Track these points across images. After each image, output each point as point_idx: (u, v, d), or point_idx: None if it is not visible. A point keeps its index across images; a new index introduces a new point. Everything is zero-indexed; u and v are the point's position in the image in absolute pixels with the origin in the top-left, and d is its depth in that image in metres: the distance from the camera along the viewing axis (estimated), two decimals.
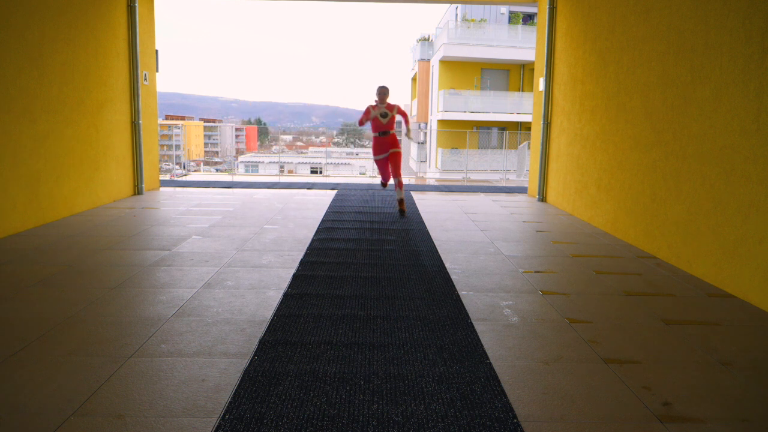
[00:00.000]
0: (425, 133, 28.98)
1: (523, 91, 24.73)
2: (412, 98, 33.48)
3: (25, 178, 5.44)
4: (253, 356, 2.66)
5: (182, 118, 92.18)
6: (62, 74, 6.08)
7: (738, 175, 3.78)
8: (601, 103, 6.15)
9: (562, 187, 7.52)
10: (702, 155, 4.21)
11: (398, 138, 6.94)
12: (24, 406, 2.18)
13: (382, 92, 6.69)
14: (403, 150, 7.46)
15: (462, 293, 3.70)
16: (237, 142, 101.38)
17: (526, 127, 23.95)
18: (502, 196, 8.95)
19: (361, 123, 6.80)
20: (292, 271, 4.17)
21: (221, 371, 2.51)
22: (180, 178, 13.83)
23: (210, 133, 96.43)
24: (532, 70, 15.02)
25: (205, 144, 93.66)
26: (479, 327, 3.10)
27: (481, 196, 8.92)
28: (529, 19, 25.63)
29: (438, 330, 3.04)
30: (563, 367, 2.63)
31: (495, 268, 4.36)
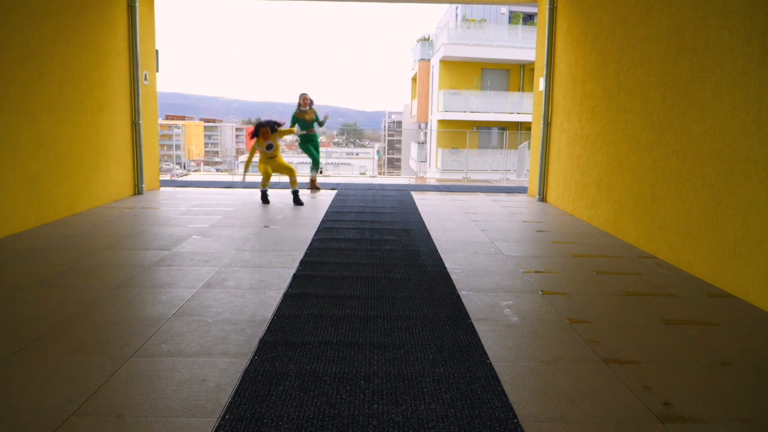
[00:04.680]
0: (425, 133, 28.97)
1: (523, 91, 24.73)
2: (412, 98, 33.49)
3: (25, 178, 5.44)
4: (253, 356, 2.66)
5: (182, 118, 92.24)
6: (62, 74, 6.08)
7: (738, 175, 3.78)
8: (602, 103, 6.15)
9: (562, 187, 7.52)
10: (702, 155, 4.21)
11: None
12: (24, 406, 2.18)
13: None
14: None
15: (462, 293, 3.70)
16: (237, 142, 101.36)
17: (526, 127, 23.94)
18: (503, 196, 8.95)
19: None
20: (293, 271, 4.17)
21: (221, 371, 2.51)
22: (180, 178, 13.83)
23: (210, 133, 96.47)
24: (532, 70, 15.02)
25: (206, 144, 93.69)
26: (479, 327, 3.10)
27: (481, 196, 8.92)
28: (529, 19, 25.62)
29: (438, 330, 3.04)
30: (563, 367, 2.63)
31: (495, 268, 4.36)
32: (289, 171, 7.67)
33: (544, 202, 8.19)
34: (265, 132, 7.33)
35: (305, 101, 8.72)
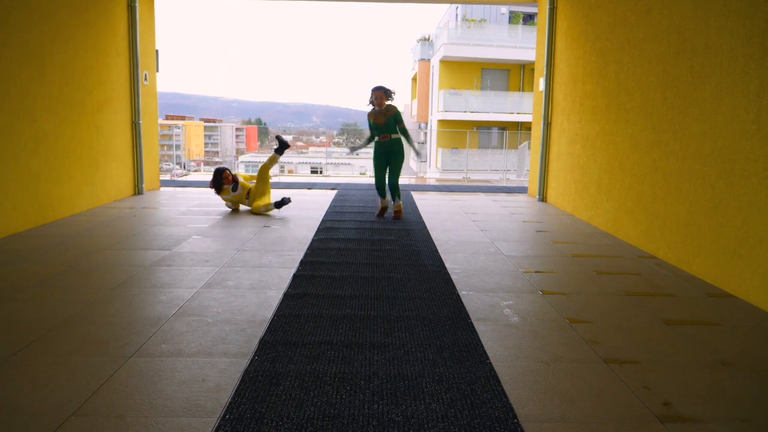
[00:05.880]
0: (425, 133, 28.97)
1: (523, 91, 24.73)
2: (413, 98, 33.49)
3: (25, 178, 5.44)
4: (254, 356, 2.66)
5: (182, 118, 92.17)
6: (62, 74, 6.08)
7: (738, 175, 3.78)
8: (602, 103, 6.15)
9: (562, 187, 7.52)
10: (702, 155, 4.21)
11: None
12: (24, 406, 2.18)
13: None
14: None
15: (462, 293, 3.70)
16: (237, 142, 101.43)
17: (526, 127, 23.95)
18: (503, 196, 8.95)
19: None
20: (293, 271, 4.17)
21: (221, 371, 2.51)
22: (180, 178, 13.84)
23: (210, 133, 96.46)
24: (532, 70, 15.03)
25: (206, 144, 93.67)
26: (479, 327, 3.10)
27: (481, 196, 8.92)
28: (529, 19, 25.62)
29: (438, 330, 3.04)
30: (563, 367, 2.63)
31: (495, 268, 4.36)
32: (263, 171, 6.71)
33: (544, 202, 8.19)
34: (225, 179, 6.71)
35: (378, 99, 6.26)
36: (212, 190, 6.88)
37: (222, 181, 6.73)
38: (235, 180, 6.76)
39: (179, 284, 3.78)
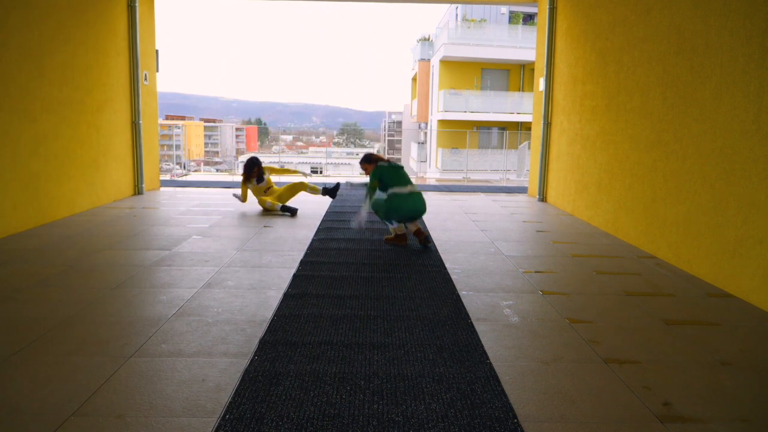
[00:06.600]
0: (425, 133, 28.98)
1: (523, 91, 24.73)
2: (413, 98, 33.49)
3: (25, 178, 5.44)
4: (254, 356, 2.66)
5: (182, 118, 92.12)
6: (62, 74, 6.08)
7: (738, 175, 3.78)
8: (602, 103, 6.15)
9: (562, 187, 7.52)
10: (702, 155, 4.21)
11: None
12: (24, 406, 2.18)
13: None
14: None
15: (462, 293, 3.70)
16: (237, 142, 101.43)
17: (526, 127, 23.95)
18: (502, 196, 8.95)
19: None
20: (292, 271, 4.17)
21: (221, 371, 2.51)
22: (180, 178, 13.85)
23: (210, 133, 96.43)
24: (532, 70, 15.03)
25: (206, 144, 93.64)
26: (479, 327, 3.10)
27: (481, 196, 8.92)
28: (529, 19, 25.62)
29: (438, 330, 3.04)
30: (563, 367, 2.63)
31: (495, 268, 4.36)
32: (299, 187, 7.01)
33: (544, 202, 8.19)
34: (257, 171, 6.77)
35: (366, 171, 5.55)
36: (243, 176, 6.95)
37: (252, 172, 6.81)
38: (261, 174, 6.84)
39: (179, 284, 3.78)
